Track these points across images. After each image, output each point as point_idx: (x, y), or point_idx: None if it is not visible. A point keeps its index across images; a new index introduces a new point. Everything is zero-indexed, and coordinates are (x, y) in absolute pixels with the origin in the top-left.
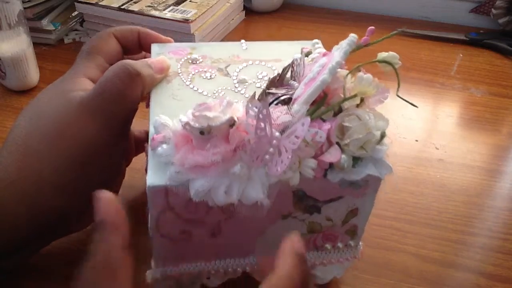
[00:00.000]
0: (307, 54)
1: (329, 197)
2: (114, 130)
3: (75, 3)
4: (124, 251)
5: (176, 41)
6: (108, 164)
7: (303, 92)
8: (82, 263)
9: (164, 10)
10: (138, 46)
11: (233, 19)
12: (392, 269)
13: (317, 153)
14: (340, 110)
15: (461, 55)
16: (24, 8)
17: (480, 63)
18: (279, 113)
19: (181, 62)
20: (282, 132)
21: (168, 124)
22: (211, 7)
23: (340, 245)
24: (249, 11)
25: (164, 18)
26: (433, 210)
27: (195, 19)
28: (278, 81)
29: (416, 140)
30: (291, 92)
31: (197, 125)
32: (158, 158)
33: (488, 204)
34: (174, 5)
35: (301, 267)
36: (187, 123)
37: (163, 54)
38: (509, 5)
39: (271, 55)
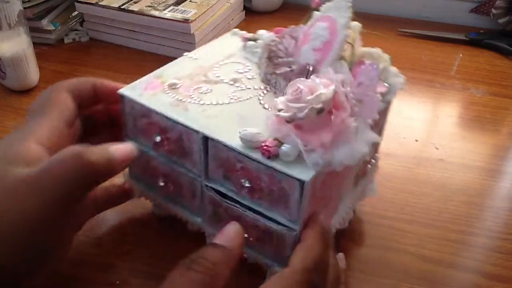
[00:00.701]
0: (254, 40)
1: (375, 124)
2: (57, 212)
3: (75, 3)
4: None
5: (176, 41)
6: (46, 240)
7: (323, 55)
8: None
9: (164, 10)
10: (94, 98)
11: (233, 19)
12: (392, 269)
13: None
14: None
15: (461, 55)
16: (24, 8)
17: (480, 63)
18: (329, 75)
19: (167, 92)
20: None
21: (256, 131)
22: (211, 7)
23: (373, 161)
24: (249, 11)
25: (164, 18)
26: (433, 210)
27: (195, 19)
28: (271, 63)
29: (416, 140)
30: (294, 66)
31: (315, 106)
32: (284, 159)
33: (488, 204)
34: (174, 5)
35: (324, 238)
36: (304, 109)
37: (141, 94)
38: (509, 5)
39: (222, 53)
